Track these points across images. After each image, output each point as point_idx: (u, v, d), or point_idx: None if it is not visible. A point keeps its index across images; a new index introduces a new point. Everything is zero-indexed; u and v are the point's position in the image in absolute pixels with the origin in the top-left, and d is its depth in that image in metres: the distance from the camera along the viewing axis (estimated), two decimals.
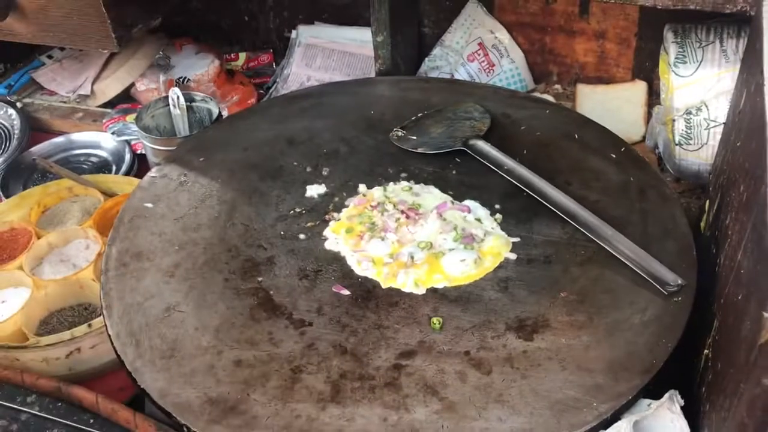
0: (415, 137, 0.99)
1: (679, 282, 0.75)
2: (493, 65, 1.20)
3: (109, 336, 0.75)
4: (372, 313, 0.76)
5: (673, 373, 0.71)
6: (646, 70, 1.17)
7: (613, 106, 1.16)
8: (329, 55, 1.30)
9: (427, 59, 1.22)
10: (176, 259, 0.83)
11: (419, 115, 1.03)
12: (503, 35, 1.19)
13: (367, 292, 0.79)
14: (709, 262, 0.77)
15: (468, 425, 0.65)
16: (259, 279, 0.80)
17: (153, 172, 0.95)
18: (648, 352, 0.70)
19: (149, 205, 0.90)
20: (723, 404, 0.58)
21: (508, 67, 1.20)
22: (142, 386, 0.70)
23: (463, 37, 1.22)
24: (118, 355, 0.73)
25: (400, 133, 0.99)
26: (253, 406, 0.67)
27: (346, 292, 0.79)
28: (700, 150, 0.94)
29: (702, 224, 0.88)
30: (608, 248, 0.80)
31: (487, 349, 0.72)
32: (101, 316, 0.79)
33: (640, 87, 1.17)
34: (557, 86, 1.24)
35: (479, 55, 1.20)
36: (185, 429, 0.66)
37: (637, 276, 0.77)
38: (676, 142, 0.95)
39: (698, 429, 0.66)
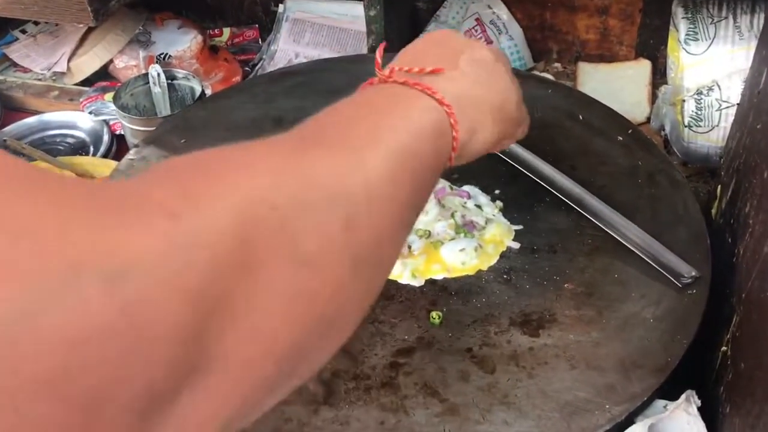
0: None
1: (693, 273, 0.70)
2: (491, 42, 1.14)
3: None
4: None
5: (685, 371, 0.66)
6: (651, 47, 1.12)
7: (615, 85, 1.11)
8: (318, 30, 1.24)
9: (421, 35, 1.16)
10: None
11: None
12: (501, 10, 1.14)
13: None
14: (725, 252, 0.73)
15: (472, 429, 0.60)
16: None
17: (131, 155, 0.89)
18: (662, 350, 0.65)
19: None
20: (751, 409, 0.53)
21: (507, 44, 1.15)
22: None
23: (459, 13, 1.16)
24: None
25: None
26: None
27: None
28: (710, 132, 0.89)
29: (713, 211, 0.84)
30: (617, 237, 0.75)
31: (491, 346, 0.67)
32: None
33: (644, 66, 1.12)
34: (557, 64, 1.18)
35: (476, 31, 1.14)
36: None
37: (649, 266, 0.73)
38: (686, 123, 0.90)
39: (718, 431, 0.62)
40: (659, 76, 1.12)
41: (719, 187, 0.84)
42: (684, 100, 0.88)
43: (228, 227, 0.27)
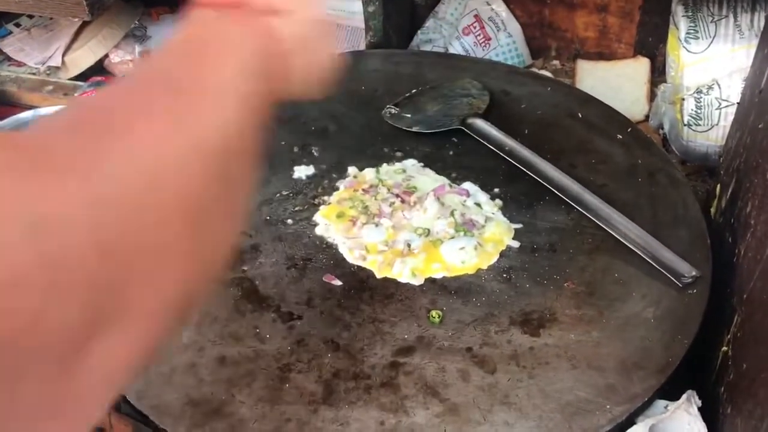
0: (409, 115, 0.93)
1: (694, 273, 0.70)
2: (489, 39, 1.14)
3: None
4: (366, 305, 0.71)
5: (685, 371, 0.66)
6: (649, 46, 1.12)
7: (614, 83, 1.10)
8: None
9: (419, 32, 1.16)
10: None
11: (413, 91, 0.97)
12: (500, 7, 1.13)
13: (360, 282, 0.73)
14: (725, 251, 0.73)
15: (472, 430, 0.60)
16: (244, 268, 0.74)
17: None
18: (663, 350, 0.65)
19: None
20: (753, 411, 0.53)
21: (505, 41, 1.14)
22: None
23: (457, 9, 1.15)
24: None
25: (393, 111, 0.93)
26: (239, 409, 0.62)
27: (338, 283, 0.73)
28: (710, 131, 0.89)
29: (712, 210, 0.84)
30: (617, 236, 0.75)
31: (491, 346, 0.67)
32: None
33: (642, 64, 1.11)
34: (555, 62, 1.18)
35: (475, 28, 1.14)
36: None
37: (649, 266, 0.72)
38: (685, 122, 0.90)
39: None
40: (658, 74, 1.12)
41: (718, 186, 0.84)
42: (683, 99, 0.88)
43: (134, 187, 0.30)
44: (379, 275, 0.74)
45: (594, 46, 1.15)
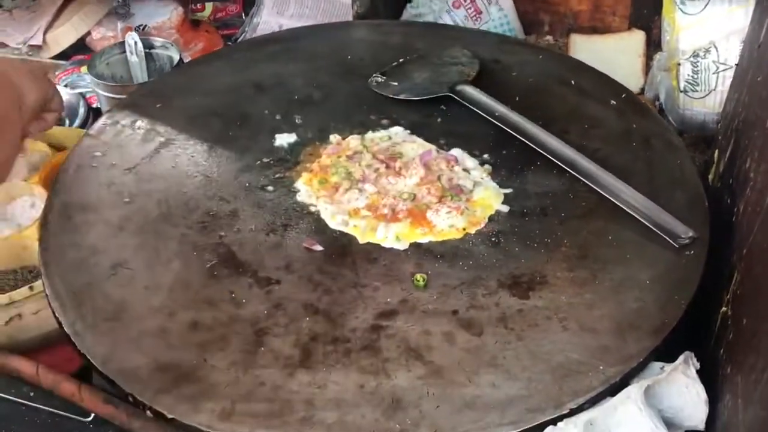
0: (396, 83, 0.89)
1: (691, 234, 0.67)
2: (481, 12, 1.11)
3: (47, 296, 0.66)
4: (348, 270, 0.68)
5: (682, 335, 0.63)
6: (644, 18, 1.09)
7: (609, 56, 1.07)
8: (303, 1, 1.20)
9: (409, 5, 1.13)
10: (126, 212, 0.73)
11: (401, 60, 0.93)
12: None
13: (342, 247, 0.70)
14: (723, 213, 0.70)
15: (457, 392, 0.56)
16: (221, 234, 0.71)
17: (104, 119, 0.85)
18: (659, 310, 0.62)
19: (98, 153, 0.80)
20: (755, 364, 0.50)
21: (497, 15, 1.11)
22: (83, 351, 0.61)
23: None
24: (56, 317, 0.64)
25: (379, 79, 0.90)
26: (210, 373, 0.58)
27: (319, 248, 0.70)
28: (707, 97, 0.86)
29: (710, 176, 0.80)
30: (612, 199, 0.72)
31: (478, 308, 0.63)
32: None
33: (637, 36, 1.08)
34: (548, 37, 1.15)
35: (465, 0, 1.11)
36: (131, 399, 0.57)
37: (645, 228, 0.69)
38: (681, 88, 0.87)
39: (718, 394, 0.58)
40: (653, 47, 1.09)
41: (716, 152, 0.81)
42: (679, 64, 0.85)
43: None
44: (362, 240, 0.71)
45: (587, 20, 1.12)
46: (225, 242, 0.70)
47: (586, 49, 1.10)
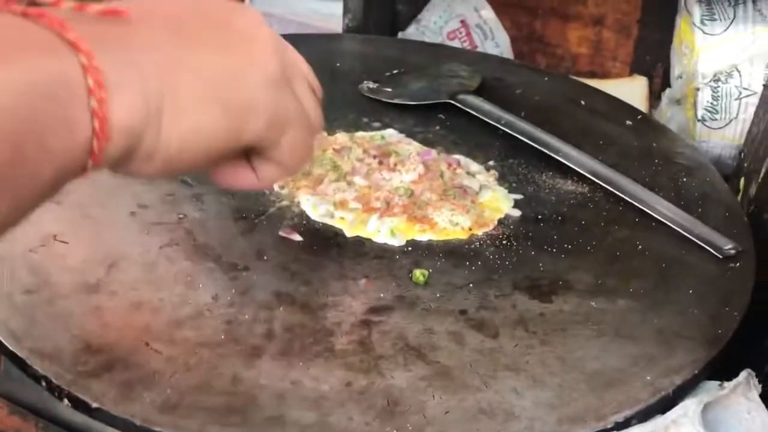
0: (390, 89, 0.81)
1: (733, 246, 0.58)
2: (476, 47, 1.05)
3: None
4: (332, 261, 0.56)
5: (734, 357, 0.52)
6: (646, 64, 1.04)
7: None
8: (286, 26, 1.13)
9: (400, 34, 1.06)
10: (69, 185, 0.61)
11: (395, 71, 0.85)
12: (489, 14, 1.05)
13: (326, 240, 0.59)
14: (765, 232, 0.61)
15: (471, 396, 0.44)
16: (180, 215, 0.59)
17: None
18: (710, 321, 0.51)
19: None
20: None
21: (493, 52, 1.05)
22: None
23: (442, 16, 1.07)
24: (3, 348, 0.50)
25: (372, 85, 0.81)
26: (153, 359, 0.45)
27: (298, 238, 0.58)
28: (726, 127, 0.79)
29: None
30: (641, 207, 0.62)
31: (491, 309, 0.52)
32: None
33: (640, 83, 1.03)
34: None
35: (461, 33, 1.05)
36: (44, 384, 0.44)
37: (678, 239, 0.60)
38: (699, 117, 0.80)
39: None
40: (654, 97, 1.03)
41: (742, 179, 0.73)
42: (698, 89, 0.79)
43: None
44: (349, 234, 0.59)
45: (587, 65, 1.07)
46: (184, 225, 0.58)
47: None
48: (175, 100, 0.32)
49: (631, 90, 1.03)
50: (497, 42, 1.06)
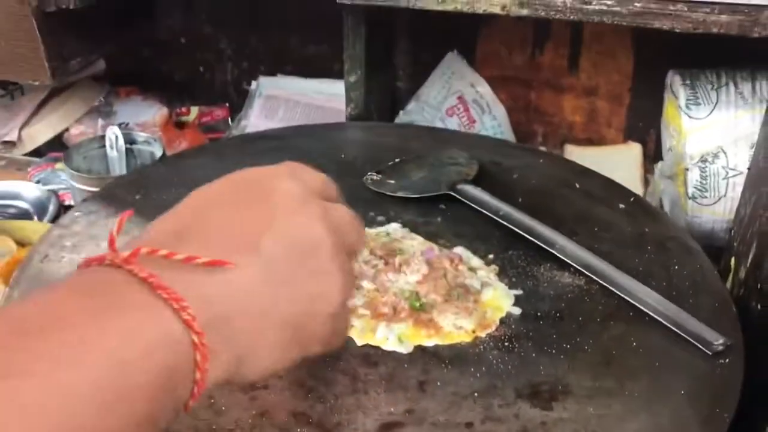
0: (393, 181, 0.85)
1: (722, 341, 0.61)
2: (474, 121, 1.09)
3: None
4: (344, 375, 0.60)
5: None
6: (640, 131, 1.08)
7: (606, 167, 1.04)
8: (293, 107, 1.18)
9: (402, 112, 1.11)
10: None
11: (397, 160, 0.90)
12: (485, 89, 1.10)
13: (337, 349, 0.62)
14: (754, 319, 0.64)
15: None
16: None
17: (77, 209, 0.78)
18: (701, 425, 0.55)
19: (68, 244, 0.73)
20: None
21: (490, 124, 1.09)
22: None
23: (441, 92, 1.11)
24: None
25: (375, 177, 0.86)
26: None
27: None
28: (716, 204, 0.83)
29: (728, 285, 0.75)
30: (634, 302, 0.66)
31: (495, 421, 0.55)
32: None
33: (634, 149, 1.07)
34: (542, 148, 1.13)
35: (459, 109, 1.09)
36: None
37: (670, 334, 0.63)
38: (690, 195, 0.83)
39: None
40: (649, 161, 1.07)
41: (732, 259, 0.76)
42: (687, 169, 0.82)
43: None
44: (359, 342, 0.63)
45: (582, 131, 1.11)
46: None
47: (582, 160, 1.08)
48: (255, 352, 0.37)
49: (626, 155, 1.08)
50: (494, 115, 1.10)
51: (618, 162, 1.07)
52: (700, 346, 0.61)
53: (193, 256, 0.34)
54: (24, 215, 1.06)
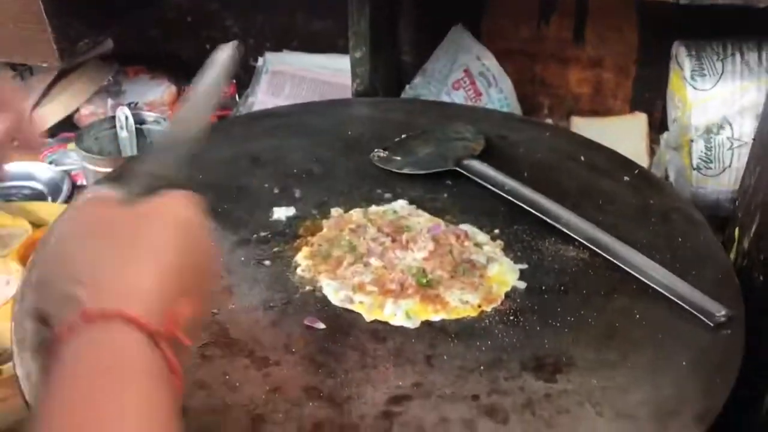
0: (399, 158, 0.86)
1: (725, 312, 0.62)
2: (480, 94, 1.10)
3: (18, 378, 0.58)
4: (354, 350, 0.61)
5: (727, 424, 0.57)
6: (646, 102, 1.08)
7: (611, 139, 1.04)
8: (299, 83, 1.18)
9: (408, 87, 1.11)
10: None
11: (403, 136, 0.90)
12: (491, 62, 1.10)
13: (347, 325, 0.64)
14: (757, 290, 0.65)
15: None
16: (213, 311, 0.65)
17: (88, 192, 0.80)
18: (702, 395, 0.56)
19: None
20: None
21: (497, 97, 1.10)
22: None
23: (446, 66, 1.11)
24: (27, 404, 0.57)
25: (382, 154, 0.86)
26: None
27: (321, 326, 0.64)
28: (721, 175, 0.83)
29: (732, 256, 0.76)
30: (637, 275, 0.67)
31: (501, 393, 0.57)
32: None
33: (640, 119, 1.07)
34: (549, 120, 1.13)
35: (465, 82, 1.09)
36: None
37: (673, 306, 0.64)
38: (694, 166, 0.84)
39: None
40: (655, 131, 1.07)
41: (736, 229, 0.77)
42: (692, 140, 0.83)
43: None
44: (368, 318, 0.65)
45: (588, 103, 1.11)
46: (218, 320, 0.64)
47: (587, 131, 1.08)
48: None
49: (632, 126, 1.08)
50: (501, 88, 1.10)
51: (624, 133, 1.07)
52: (703, 318, 0.62)
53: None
54: (38, 196, 1.08)
